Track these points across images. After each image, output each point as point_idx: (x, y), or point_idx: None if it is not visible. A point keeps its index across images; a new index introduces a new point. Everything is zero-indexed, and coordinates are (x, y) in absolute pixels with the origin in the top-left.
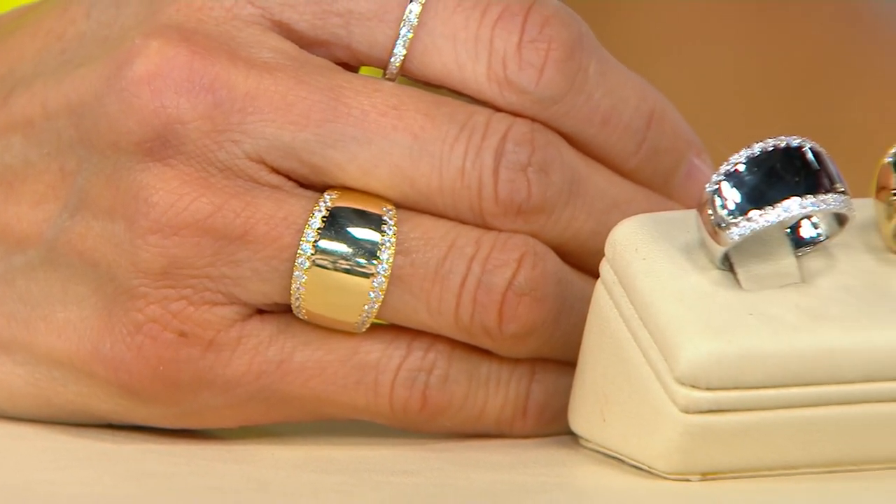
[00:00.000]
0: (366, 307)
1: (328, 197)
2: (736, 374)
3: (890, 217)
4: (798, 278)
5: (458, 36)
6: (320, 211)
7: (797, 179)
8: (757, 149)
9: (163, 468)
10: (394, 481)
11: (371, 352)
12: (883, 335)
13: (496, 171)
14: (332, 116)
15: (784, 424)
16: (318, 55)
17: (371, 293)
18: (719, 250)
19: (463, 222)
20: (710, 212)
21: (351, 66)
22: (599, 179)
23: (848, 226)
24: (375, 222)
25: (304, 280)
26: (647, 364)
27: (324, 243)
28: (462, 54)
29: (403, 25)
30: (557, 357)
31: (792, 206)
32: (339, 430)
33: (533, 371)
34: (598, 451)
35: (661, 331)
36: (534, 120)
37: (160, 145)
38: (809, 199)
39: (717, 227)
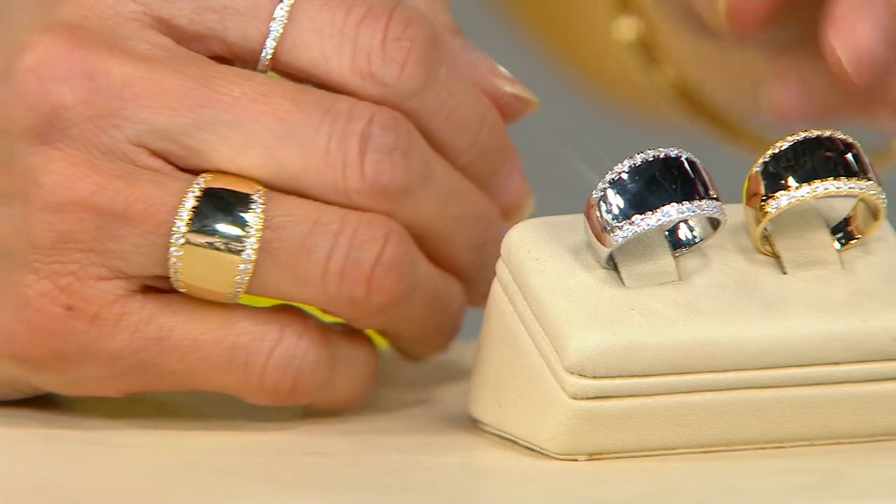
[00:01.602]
0: (237, 279)
1: (202, 179)
2: (619, 364)
3: (758, 221)
4: (676, 276)
5: (325, 31)
6: (194, 191)
7: (675, 187)
8: (639, 158)
9: (98, 450)
10: (308, 461)
11: (243, 334)
12: (751, 328)
13: (362, 153)
14: (205, 102)
15: (662, 409)
16: (196, 49)
17: (241, 266)
18: (604, 251)
19: (328, 203)
20: (596, 216)
21: (227, 60)
22: (443, 169)
23: (721, 229)
24: (245, 201)
25: (179, 255)
26: (539, 355)
27: (197, 221)
28: (328, 48)
29: (274, 21)
30: (402, 331)
31: (670, 212)
32: (259, 417)
33: (374, 350)
34: (494, 434)
35: (551, 324)
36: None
37: (48, 129)
38: (686, 204)
39: (602, 230)
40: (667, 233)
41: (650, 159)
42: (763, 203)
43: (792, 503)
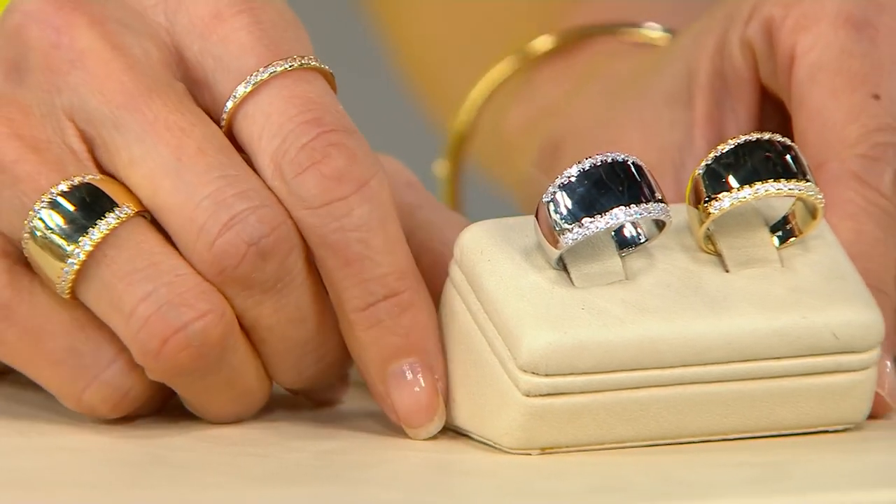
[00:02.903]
0: (64, 271)
1: (88, 176)
2: (570, 362)
3: (701, 222)
4: (623, 276)
5: (271, 117)
6: (72, 181)
7: (622, 189)
8: (587, 163)
9: (73, 444)
10: (273, 456)
11: (85, 342)
12: (696, 325)
13: (225, 229)
14: (131, 106)
15: (612, 404)
16: (193, 96)
17: (64, 269)
18: (555, 253)
19: (184, 254)
20: (546, 218)
21: (210, 114)
22: (305, 294)
23: (666, 229)
24: (103, 209)
25: (30, 226)
26: (492, 353)
27: (58, 202)
28: (266, 132)
29: (239, 89)
30: (186, 397)
31: (618, 214)
32: None
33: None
34: (449, 429)
35: (504, 324)
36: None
37: (14, 68)
38: (633, 207)
39: (552, 233)
40: (613, 233)
41: (598, 163)
42: (706, 204)
43: (739, 495)
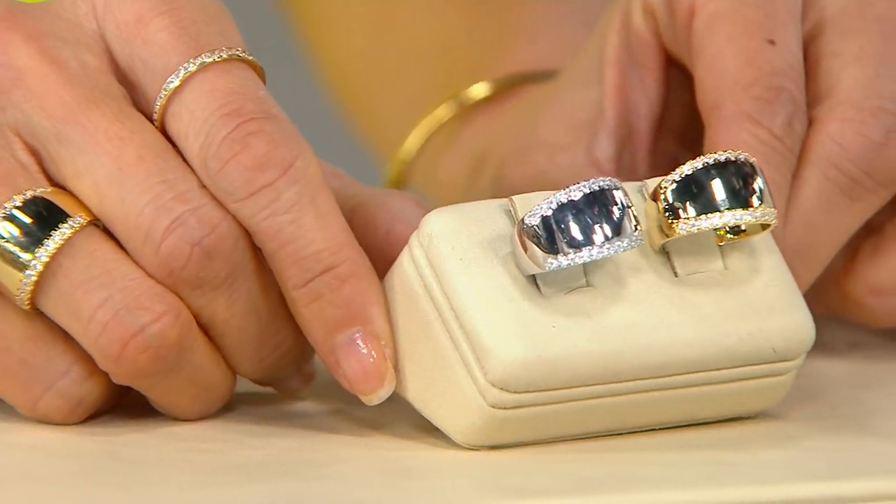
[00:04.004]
0: (22, 282)
1: (40, 189)
2: (539, 379)
3: (663, 233)
4: (584, 282)
5: (195, 113)
6: (24, 195)
7: (606, 221)
8: (574, 190)
9: (28, 441)
10: (229, 452)
11: (36, 354)
12: (654, 342)
13: (168, 232)
14: (71, 119)
15: (567, 411)
16: (132, 98)
17: (23, 280)
18: (531, 270)
19: (135, 260)
20: (530, 239)
21: (147, 115)
22: (254, 286)
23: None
24: (57, 220)
25: None
26: (455, 352)
27: (13, 215)
28: (191, 127)
29: (163, 88)
30: (151, 396)
31: (602, 250)
32: None
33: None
34: (407, 426)
35: (476, 335)
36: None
37: None
38: (616, 242)
39: (536, 253)
40: None
41: (586, 190)
42: (671, 221)
43: (696, 488)
